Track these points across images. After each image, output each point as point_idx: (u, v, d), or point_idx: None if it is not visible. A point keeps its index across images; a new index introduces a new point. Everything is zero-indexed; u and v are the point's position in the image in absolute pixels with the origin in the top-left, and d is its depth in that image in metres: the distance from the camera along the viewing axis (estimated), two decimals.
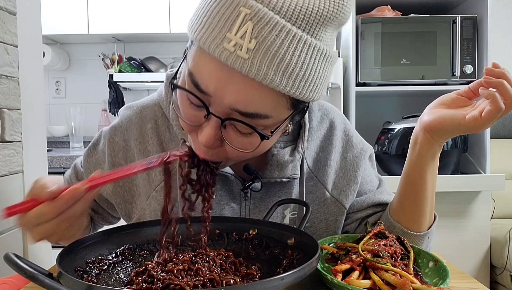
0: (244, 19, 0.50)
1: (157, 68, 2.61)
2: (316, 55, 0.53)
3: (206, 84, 0.54)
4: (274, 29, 0.50)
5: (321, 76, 0.55)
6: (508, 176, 2.40)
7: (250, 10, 0.50)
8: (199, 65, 0.54)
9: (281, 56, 0.50)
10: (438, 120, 0.69)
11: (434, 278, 0.61)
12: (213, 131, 0.56)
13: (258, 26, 0.50)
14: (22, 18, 1.18)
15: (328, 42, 0.55)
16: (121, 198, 0.80)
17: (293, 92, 0.53)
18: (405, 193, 0.77)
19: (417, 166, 0.74)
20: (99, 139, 0.84)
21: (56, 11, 2.46)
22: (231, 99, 0.53)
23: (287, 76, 0.51)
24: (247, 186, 0.75)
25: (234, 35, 0.50)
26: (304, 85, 0.53)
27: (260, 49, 0.50)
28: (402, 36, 2.00)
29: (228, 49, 0.50)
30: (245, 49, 0.50)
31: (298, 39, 0.51)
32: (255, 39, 0.50)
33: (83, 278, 0.54)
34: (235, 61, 0.50)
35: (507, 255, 1.94)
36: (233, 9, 0.51)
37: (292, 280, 0.45)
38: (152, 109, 0.80)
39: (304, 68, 0.52)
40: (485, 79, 0.64)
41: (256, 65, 0.50)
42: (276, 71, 0.51)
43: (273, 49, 0.50)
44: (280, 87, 0.52)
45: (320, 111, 0.83)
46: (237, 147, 0.58)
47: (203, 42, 0.52)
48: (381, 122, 2.10)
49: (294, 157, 0.75)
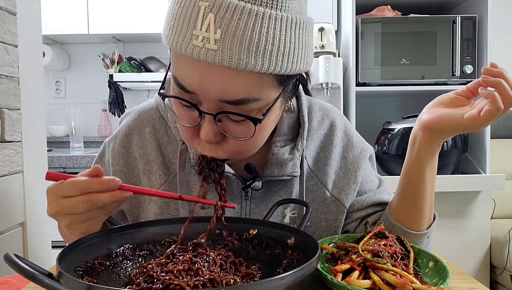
0: (205, 12, 0.51)
1: (157, 68, 2.61)
2: (287, 26, 0.53)
3: (190, 84, 0.55)
4: (235, 14, 0.50)
5: (298, 45, 0.55)
6: (508, 176, 2.40)
7: (208, 2, 0.50)
8: (179, 68, 0.56)
9: (248, 38, 0.51)
10: (436, 119, 0.69)
11: (434, 278, 0.61)
12: (210, 126, 0.57)
13: (219, 15, 0.50)
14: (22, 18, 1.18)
15: (295, 9, 0.54)
16: (129, 204, 0.80)
17: (272, 69, 0.53)
18: (404, 193, 0.77)
19: (416, 166, 0.74)
20: (104, 150, 0.84)
21: (56, 11, 2.46)
22: (215, 92, 0.54)
23: (261, 55, 0.51)
24: (247, 185, 0.75)
25: (200, 30, 0.51)
26: (282, 59, 0.53)
27: (226, 37, 0.50)
28: (402, 36, 2.00)
29: (197, 45, 0.51)
30: (212, 41, 0.50)
31: (262, 16, 0.51)
32: (219, 28, 0.50)
33: (83, 278, 0.53)
34: (207, 55, 0.51)
35: (507, 255, 1.94)
36: (193, 6, 0.51)
37: (292, 280, 0.45)
38: (149, 113, 0.81)
39: (276, 43, 0.52)
40: (483, 78, 0.64)
41: (227, 54, 0.50)
42: (248, 53, 0.51)
43: (239, 33, 0.50)
44: (257, 68, 0.52)
45: (320, 111, 0.83)
46: (236, 136, 0.58)
47: (174, 45, 0.53)
48: (381, 122, 2.10)
49: (294, 155, 0.75)
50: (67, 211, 0.58)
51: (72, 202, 0.57)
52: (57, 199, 0.58)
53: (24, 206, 1.19)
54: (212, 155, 0.61)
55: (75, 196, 0.57)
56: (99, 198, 0.57)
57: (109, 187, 0.57)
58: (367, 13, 2.09)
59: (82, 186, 0.57)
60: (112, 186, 0.57)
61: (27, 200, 1.20)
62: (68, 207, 0.57)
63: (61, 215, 0.59)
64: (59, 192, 0.57)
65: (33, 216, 1.22)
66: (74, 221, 0.60)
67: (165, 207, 0.76)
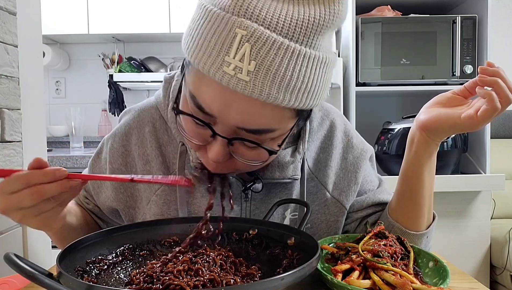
0: (241, 41, 0.49)
1: (157, 68, 2.61)
2: (316, 65, 0.53)
3: (210, 107, 0.54)
4: (272, 48, 0.50)
5: (322, 83, 0.56)
6: (508, 176, 2.40)
7: (246, 32, 0.49)
8: (201, 88, 0.54)
9: (282, 74, 0.50)
10: (434, 119, 0.69)
11: (434, 278, 0.61)
12: (221, 148, 0.56)
13: (255, 47, 0.49)
14: (22, 18, 1.18)
15: (326, 48, 0.55)
16: (124, 203, 0.79)
17: (297, 104, 0.53)
18: (403, 193, 0.77)
19: (414, 166, 0.74)
20: (102, 147, 0.84)
21: (56, 11, 2.46)
22: (236, 119, 0.53)
23: (290, 91, 0.52)
24: (248, 187, 0.75)
25: (233, 58, 0.50)
26: (307, 96, 0.54)
27: (260, 70, 0.50)
28: (402, 36, 2.00)
29: (228, 73, 0.50)
30: (245, 72, 0.50)
31: (298, 54, 0.51)
32: (254, 60, 0.49)
33: (83, 278, 0.54)
34: (237, 84, 0.50)
35: (507, 255, 1.94)
36: (228, 31, 0.50)
37: (292, 280, 0.45)
38: (149, 112, 0.80)
39: (306, 81, 0.53)
40: (480, 77, 0.64)
41: (258, 86, 0.50)
42: (279, 89, 0.51)
43: (273, 68, 0.50)
44: (284, 103, 0.52)
45: (320, 112, 0.83)
46: (247, 160, 0.58)
47: (202, 66, 0.52)
48: (381, 122, 2.10)
49: (295, 158, 0.75)
50: (16, 206, 0.56)
51: (19, 196, 0.55)
52: (4, 195, 0.56)
53: None
54: (216, 171, 0.62)
55: (21, 190, 0.55)
56: (45, 189, 0.55)
57: (54, 178, 0.55)
58: (367, 13, 2.09)
59: (26, 179, 0.55)
60: (58, 176, 0.56)
61: None
62: (16, 202, 0.56)
63: (11, 211, 0.57)
64: (5, 189, 0.56)
65: None
66: (26, 216, 0.58)
67: (165, 207, 0.76)
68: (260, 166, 0.61)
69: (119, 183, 0.78)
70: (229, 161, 0.59)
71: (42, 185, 0.55)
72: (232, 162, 0.59)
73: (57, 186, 0.56)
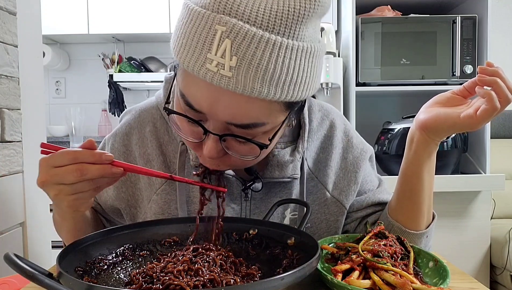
0: (221, 37, 0.50)
1: (157, 68, 2.61)
2: (301, 56, 0.53)
3: (198, 104, 0.55)
4: (252, 42, 0.49)
5: (310, 74, 0.55)
6: (508, 176, 2.40)
7: (225, 27, 0.49)
8: (188, 86, 0.55)
9: (264, 67, 0.50)
10: (433, 119, 0.69)
11: (434, 278, 0.61)
12: (214, 144, 0.57)
13: (236, 42, 0.49)
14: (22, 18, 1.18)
15: (310, 38, 0.54)
16: (126, 203, 0.80)
17: (283, 97, 0.53)
18: (402, 192, 0.77)
19: (413, 165, 0.74)
20: (103, 147, 0.84)
21: (56, 11, 2.46)
22: (224, 115, 0.54)
23: (274, 84, 0.51)
24: (247, 187, 0.75)
25: (215, 54, 0.50)
26: (294, 88, 0.53)
27: (242, 64, 0.50)
28: (402, 36, 2.00)
29: (211, 70, 0.50)
30: (227, 68, 0.50)
31: (279, 46, 0.50)
32: (236, 56, 0.50)
33: (83, 278, 0.53)
34: (220, 80, 0.50)
35: (507, 255, 1.94)
36: (209, 29, 0.50)
37: (292, 280, 0.45)
38: (150, 112, 0.80)
39: (290, 73, 0.52)
40: (479, 77, 0.64)
41: (241, 81, 0.50)
42: (262, 82, 0.51)
43: (255, 62, 0.50)
44: (269, 97, 0.52)
45: (320, 112, 0.83)
46: (240, 155, 0.59)
47: (186, 65, 0.52)
48: (381, 122, 2.10)
49: (295, 157, 0.75)
50: (56, 180, 0.57)
51: (61, 171, 0.56)
52: (48, 168, 0.57)
53: (24, 206, 1.19)
54: (213, 168, 0.62)
55: (65, 165, 0.56)
56: (88, 169, 0.56)
57: (100, 160, 0.56)
58: (367, 13, 2.09)
59: (73, 155, 0.56)
60: (104, 159, 0.57)
61: (27, 200, 1.20)
62: (57, 176, 0.56)
63: (50, 185, 0.58)
64: (50, 162, 0.57)
65: (33, 216, 1.22)
66: (62, 192, 0.58)
67: (166, 206, 0.76)
68: (255, 160, 0.61)
69: (121, 183, 0.78)
70: (224, 157, 0.60)
71: (87, 164, 0.56)
72: (228, 157, 0.60)
73: (100, 169, 0.57)
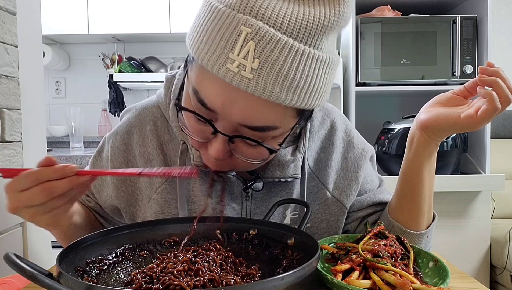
0: (245, 39, 0.50)
1: (157, 68, 2.61)
2: (320, 66, 0.53)
3: (212, 103, 0.54)
4: (276, 47, 0.50)
5: (325, 84, 0.56)
6: (508, 176, 2.40)
7: (251, 29, 0.50)
8: (204, 83, 0.55)
9: (285, 73, 0.51)
10: (434, 119, 0.69)
11: (434, 278, 0.61)
12: (222, 145, 0.57)
13: (260, 45, 0.50)
14: (22, 18, 1.18)
15: (330, 49, 0.55)
16: (125, 202, 0.80)
17: (299, 104, 0.54)
18: (402, 192, 0.77)
19: (414, 165, 0.74)
20: (103, 146, 0.84)
21: (56, 11, 2.46)
22: (238, 116, 0.54)
23: (293, 91, 0.52)
24: (248, 186, 0.75)
25: (237, 55, 0.50)
26: (309, 96, 0.54)
27: (264, 68, 0.50)
28: (402, 36, 2.00)
29: (232, 70, 0.50)
30: (249, 69, 0.50)
31: (301, 54, 0.51)
32: (258, 58, 0.50)
33: (83, 278, 0.53)
34: (240, 82, 0.50)
35: (507, 255, 1.94)
36: (233, 29, 0.50)
37: (292, 280, 0.45)
38: (151, 110, 0.80)
39: (308, 81, 0.53)
40: (480, 77, 0.64)
41: (261, 84, 0.50)
42: (282, 87, 0.51)
43: (277, 66, 0.50)
44: (286, 102, 0.52)
45: (321, 112, 0.83)
46: (247, 158, 0.59)
47: (206, 63, 0.52)
48: (381, 122, 2.10)
49: (296, 157, 0.75)
50: (26, 204, 0.56)
51: (29, 194, 0.55)
52: (14, 194, 0.56)
53: None
54: (215, 168, 0.62)
55: (31, 187, 0.55)
56: (55, 186, 0.55)
57: (64, 174, 0.55)
58: (367, 13, 2.09)
59: (36, 176, 0.55)
60: (68, 172, 0.55)
61: None
62: (26, 200, 0.55)
63: (22, 210, 0.57)
64: (15, 187, 0.55)
65: None
66: (37, 213, 0.57)
67: (166, 206, 0.76)
68: (260, 164, 0.62)
69: (121, 182, 0.78)
70: (229, 158, 0.59)
71: (52, 182, 0.55)
72: (232, 160, 0.60)
73: (67, 183, 0.56)
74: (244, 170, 0.66)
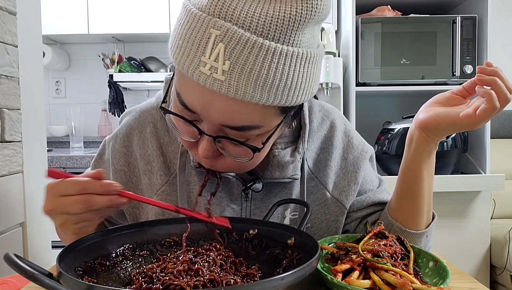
0: (215, 41, 0.50)
1: (157, 68, 2.61)
2: (296, 62, 0.52)
3: (192, 105, 0.55)
4: (245, 47, 0.49)
5: (306, 79, 0.55)
6: (508, 176, 2.40)
7: (219, 31, 0.50)
8: (183, 86, 0.55)
9: (257, 73, 0.50)
10: (433, 118, 0.69)
11: (434, 278, 0.61)
12: (209, 145, 0.57)
13: (229, 46, 0.49)
14: (22, 18, 1.18)
15: (307, 43, 0.54)
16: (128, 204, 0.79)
17: (277, 102, 0.53)
18: (402, 192, 0.77)
19: (413, 165, 0.74)
20: (104, 149, 0.84)
21: (56, 11, 2.46)
22: (218, 117, 0.54)
23: (267, 90, 0.51)
24: (248, 187, 0.75)
25: (208, 58, 0.50)
26: (288, 93, 0.53)
27: (235, 69, 0.50)
28: (402, 36, 2.00)
29: (204, 73, 0.50)
30: (220, 71, 0.50)
31: (273, 52, 0.50)
32: (229, 60, 0.50)
33: (83, 278, 0.53)
34: (213, 84, 0.50)
35: (507, 255, 1.94)
36: (204, 32, 0.51)
37: (292, 280, 0.45)
38: (150, 112, 0.80)
39: (284, 79, 0.52)
40: (478, 77, 0.65)
41: (233, 85, 0.50)
42: (255, 87, 0.51)
43: (248, 67, 0.50)
44: (262, 101, 0.52)
45: (320, 112, 0.83)
46: (234, 156, 0.59)
47: (181, 67, 0.53)
48: (381, 122, 2.10)
49: (295, 158, 0.75)
50: (63, 209, 0.57)
51: (69, 201, 0.56)
52: (55, 196, 0.57)
53: (24, 206, 1.19)
54: (209, 167, 0.62)
55: (73, 195, 0.56)
56: (96, 200, 0.57)
57: (108, 191, 0.57)
58: (367, 13, 2.09)
59: (82, 186, 0.57)
60: (112, 190, 0.57)
61: (27, 200, 1.20)
62: (64, 206, 0.57)
63: (56, 214, 0.59)
64: (57, 190, 0.57)
65: (33, 216, 1.22)
66: (68, 221, 0.59)
67: None
68: (249, 163, 0.61)
69: (123, 184, 0.78)
70: (220, 157, 0.60)
71: (94, 195, 0.56)
72: (223, 158, 0.60)
73: (107, 200, 0.57)
74: (239, 171, 0.66)
